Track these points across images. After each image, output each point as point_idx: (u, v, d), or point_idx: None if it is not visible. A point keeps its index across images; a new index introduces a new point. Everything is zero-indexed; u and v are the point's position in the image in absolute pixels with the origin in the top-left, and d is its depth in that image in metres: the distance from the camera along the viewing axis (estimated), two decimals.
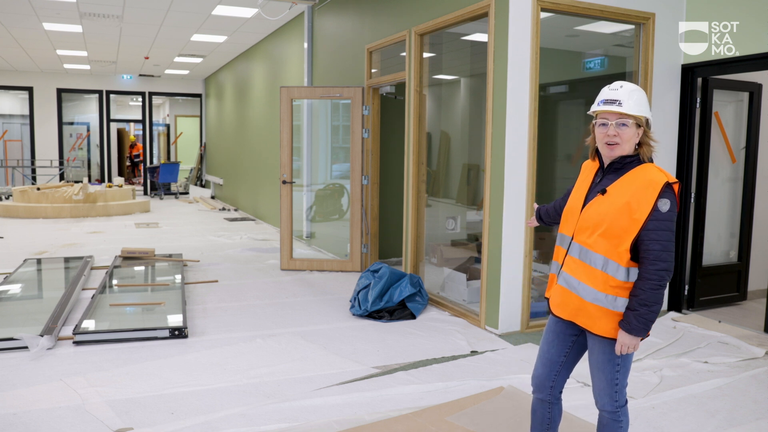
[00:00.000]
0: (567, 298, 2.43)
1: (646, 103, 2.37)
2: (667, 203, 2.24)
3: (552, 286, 2.57)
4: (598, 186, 2.41)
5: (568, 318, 2.44)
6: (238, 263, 7.70)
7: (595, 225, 2.34)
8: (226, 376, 4.01)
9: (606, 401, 2.45)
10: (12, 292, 6.15)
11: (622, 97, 2.33)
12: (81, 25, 10.04)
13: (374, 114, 7.13)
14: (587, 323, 2.38)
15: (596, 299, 2.34)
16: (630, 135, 2.34)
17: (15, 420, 3.36)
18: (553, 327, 2.58)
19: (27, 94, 16.47)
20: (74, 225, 11.12)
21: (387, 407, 3.55)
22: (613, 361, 2.40)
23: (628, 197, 2.27)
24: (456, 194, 7.70)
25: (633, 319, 2.27)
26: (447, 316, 5.43)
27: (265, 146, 11.17)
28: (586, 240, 2.37)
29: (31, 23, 9.97)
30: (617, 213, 2.28)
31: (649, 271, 2.24)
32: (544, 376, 2.59)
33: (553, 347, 2.56)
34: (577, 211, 2.44)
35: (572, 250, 2.43)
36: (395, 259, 7.37)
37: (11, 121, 17.93)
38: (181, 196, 16.88)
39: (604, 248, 2.31)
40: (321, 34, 8.54)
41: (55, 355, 4.35)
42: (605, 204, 2.33)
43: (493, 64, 4.91)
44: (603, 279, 2.32)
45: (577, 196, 2.49)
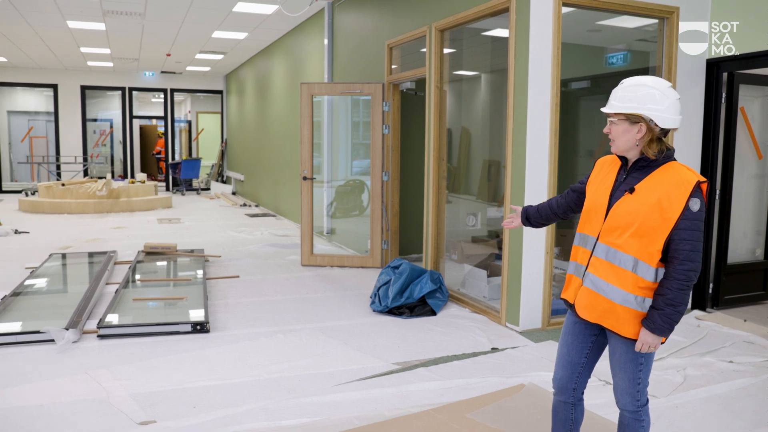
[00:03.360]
0: (594, 300, 2.38)
1: (643, 99, 2.26)
2: (697, 203, 2.20)
3: (569, 287, 2.52)
4: (624, 185, 2.35)
5: (596, 321, 2.39)
6: (259, 259, 7.75)
7: (626, 225, 2.28)
8: (248, 371, 4.04)
9: (628, 401, 2.42)
10: (38, 286, 6.24)
11: (612, 96, 2.33)
12: (104, 22, 10.14)
13: (394, 110, 7.12)
14: (615, 326, 2.34)
15: (626, 301, 2.30)
16: (619, 131, 2.30)
17: (42, 412, 3.42)
18: (571, 328, 2.54)
19: (52, 91, 16.70)
20: (98, 220, 11.26)
21: (407, 403, 3.56)
22: (636, 361, 2.37)
23: (659, 195, 2.22)
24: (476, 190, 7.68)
25: (658, 318, 2.25)
26: (467, 313, 5.42)
27: (286, 142, 11.22)
28: (615, 241, 2.31)
29: (55, 21, 10.10)
30: (648, 212, 2.23)
31: (678, 270, 2.22)
32: (566, 378, 2.56)
33: (574, 349, 2.53)
34: (602, 211, 2.38)
35: (598, 251, 2.37)
36: (415, 255, 7.37)
37: (36, 118, 18.18)
38: (202, 192, 17.02)
39: (634, 249, 2.27)
40: (341, 30, 8.55)
41: (80, 349, 4.41)
42: (635, 203, 2.27)
43: (514, 60, 4.88)
44: (633, 280, 2.28)
45: (600, 195, 2.42)
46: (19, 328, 4.79)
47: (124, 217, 11.86)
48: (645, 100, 2.27)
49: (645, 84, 2.30)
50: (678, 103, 2.31)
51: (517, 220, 2.85)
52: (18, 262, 7.32)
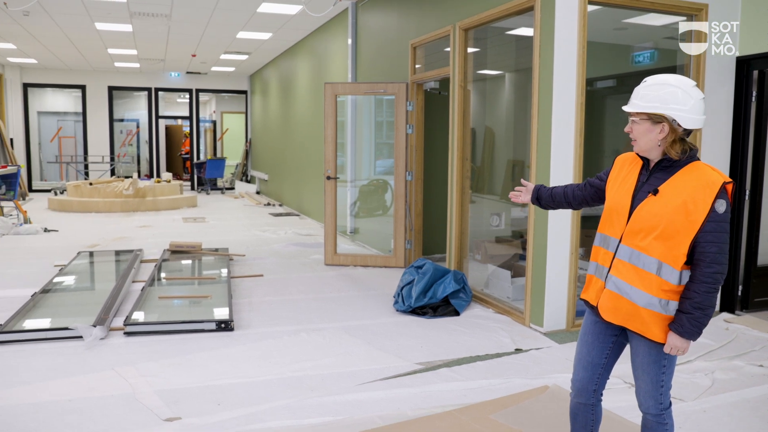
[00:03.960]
0: (618, 303, 2.34)
1: (668, 99, 2.22)
2: (723, 204, 2.17)
3: (590, 287, 2.49)
4: (647, 185, 2.31)
5: (620, 323, 2.36)
6: (283, 258, 7.79)
7: (651, 227, 2.24)
8: (271, 369, 4.06)
9: (651, 404, 2.39)
10: (66, 284, 6.35)
11: (634, 94, 2.30)
12: (131, 24, 10.28)
13: (418, 110, 7.11)
14: (641, 328, 2.31)
15: (650, 304, 2.27)
16: (641, 131, 2.28)
17: (70, 407, 3.47)
18: (591, 328, 2.51)
19: (80, 92, 16.97)
20: (124, 219, 11.41)
21: (430, 403, 3.55)
22: (659, 363, 2.35)
23: (684, 197, 2.19)
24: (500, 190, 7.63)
25: (686, 322, 2.22)
26: (491, 314, 5.40)
27: (310, 142, 11.26)
28: (639, 243, 2.27)
29: (84, 23, 10.26)
30: (673, 213, 2.20)
31: (705, 273, 2.19)
32: (587, 379, 2.53)
33: (594, 349, 2.50)
34: (625, 212, 2.34)
35: (621, 253, 2.33)
36: (439, 255, 7.35)
37: (65, 119, 18.49)
38: (227, 192, 17.16)
39: (659, 252, 2.23)
40: (365, 30, 8.56)
41: (107, 345, 4.48)
42: (659, 205, 2.24)
43: (538, 59, 4.84)
44: (657, 283, 2.25)
45: (621, 195, 2.38)
46: (49, 325, 4.88)
47: (150, 215, 12.01)
48: (668, 99, 2.23)
49: (668, 83, 2.26)
50: (702, 102, 2.26)
51: (526, 196, 2.81)
52: (47, 260, 7.45)
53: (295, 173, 12.63)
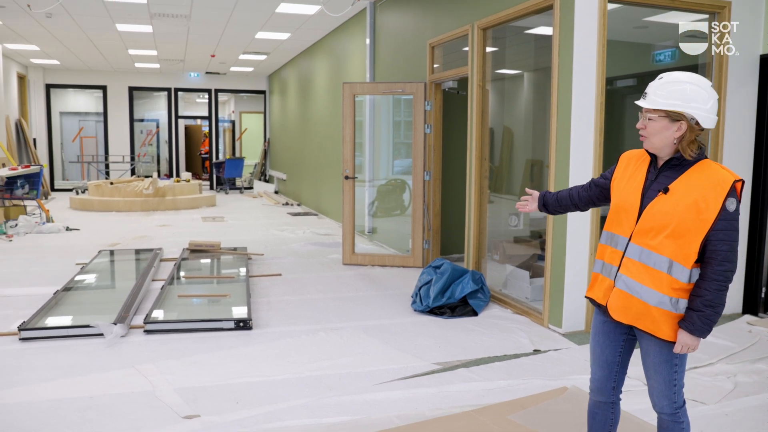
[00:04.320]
0: (628, 302, 2.33)
1: (688, 97, 2.20)
2: (734, 202, 2.17)
3: (596, 286, 2.48)
4: (656, 184, 2.30)
5: (630, 323, 2.35)
6: (301, 257, 7.81)
7: (662, 226, 2.23)
8: (289, 368, 4.08)
9: (665, 403, 2.38)
10: (87, 282, 6.42)
11: (650, 90, 2.26)
12: (151, 25, 10.37)
13: (436, 109, 7.10)
14: (651, 327, 2.30)
15: (661, 303, 2.26)
16: (656, 129, 2.24)
17: (91, 403, 3.51)
18: (601, 328, 2.50)
19: (101, 92, 17.16)
20: (144, 218, 11.52)
21: (448, 404, 3.54)
22: (671, 362, 2.33)
23: (696, 196, 2.18)
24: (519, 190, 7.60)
25: (698, 320, 2.21)
26: (509, 314, 5.37)
27: (328, 142, 11.29)
28: (650, 242, 2.26)
29: (105, 25, 10.37)
30: (684, 212, 2.19)
31: (716, 271, 2.19)
32: (605, 378, 2.52)
33: (607, 348, 2.49)
34: (634, 211, 2.32)
35: (631, 252, 2.32)
36: (457, 255, 7.33)
37: (87, 119, 18.71)
38: (245, 191, 17.25)
39: (670, 250, 2.22)
40: (383, 30, 8.56)
41: (127, 343, 4.52)
42: (669, 203, 2.22)
43: (558, 58, 4.81)
44: (668, 282, 2.24)
45: (630, 193, 2.36)
46: (70, 322, 4.94)
47: (169, 215, 12.11)
48: (690, 97, 2.21)
49: (689, 81, 2.23)
50: (717, 103, 2.27)
51: (533, 204, 2.78)
52: (69, 258, 7.55)
53: (314, 173, 12.67)
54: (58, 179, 17.35)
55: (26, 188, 10.26)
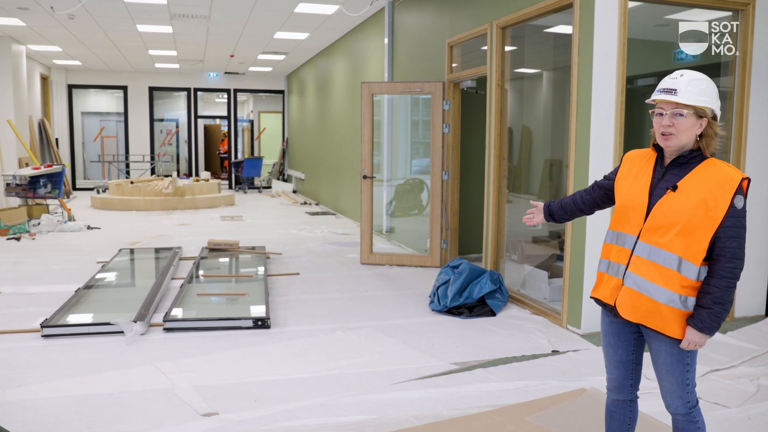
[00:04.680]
0: (637, 301, 2.32)
1: (712, 94, 2.25)
2: (741, 200, 2.19)
3: (602, 286, 2.47)
4: (663, 182, 2.30)
5: (639, 321, 2.34)
6: (319, 257, 7.83)
7: (671, 224, 2.23)
8: (307, 367, 4.09)
9: (679, 404, 2.36)
10: (108, 280, 6.49)
11: (679, 86, 2.24)
12: (171, 26, 10.46)
13: (455, 109, 7.08)
14: (660, 326, 2.29)
15: (671, 301, 2.26)
16: (687, 126, 2.24)
17: (111, 400, 3.55)
18: (610, 329, 2.50)
19: (122, 92, 17.34)
20: (164, 217, 11.62)
21: (465, 404, 3.53)
22: (683, 361, 2.32)
23: (704, 194, 2.19)
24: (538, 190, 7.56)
25: (706, 317, 2.21)
26: (527, 314, 5.34)
27: (346, 141, 11.31)
28: (659, 240, 2.26)
29: (126, 25, 10.48)
30: (693, 210, 2.20)
31: (725, 268, 2.20)
32: (622, 376, 2.52)
33: (620, 348, 2.49)
34: (642, 209, 2.32)
35: (639, 250, 2.32)
36: (475, 255, 7.31)
37: (108, 119, 18.91)
38: (264, 191, 17.34)
39: (679, 248, 2.23)
40: (401, 30, 8.55)
41: (146, 341, 4.57)
42: (678, 201, 2.23)
43: (577, 57, 4.77)
44: (678, 279, 2.24)
45: (637, 192, 2.36)
46: (91, 320, 4.99)
47: (188, 214, 12.20)
48: (713, 94, 2.26)
49: (706, 78, 2.27)
50: None
51: (539, 216, 2.78)
52: (90, 256, 7.63)
53: (332, 172, 12.70)
54: (79, 178, 17.56)
55: (49, 187, 10.39)
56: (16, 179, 10.26)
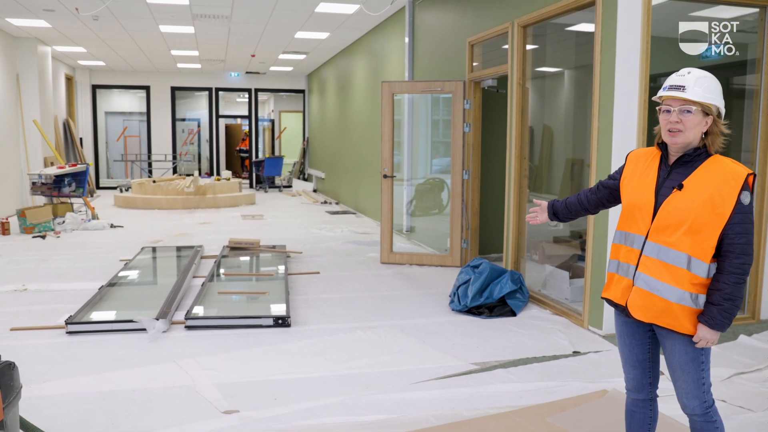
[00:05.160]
0: (649, 300, 2.32)
1: (717, 92, 2.27)
2: (748, 196, 2.20)
3: (612, 286, 2.48)
4: (669, 181, 2.31)
5: (651, 321, 2.34)
6: (339, 256, 7.85)
7: (678, 223, 2.24)
8: (327, 366, 4.10)
9: (695, 404, 2.34)
10: (131, 278, 6.56)
11: (687, 83, 2.26)
12: (193, 26, 10.54)
13: (475, 108, 7.05)
14: (673, 324, 2.29)
15: (682, 299, 2.26)
16: (694, 123, 2.25)
17: (134, 396, 3.59)
18: (624, 329, 2.50)
19: (144, 92, 17.52)
20: (186, 216, 11.72)
21: (485, 404, 3.52)
22: (697, 360, 2.31)
23: (711, 191, 2.20)
24: (559, 190, 7.50)
25: (717, 313, 2.22)
26: (548, 315, 5.31)
27: (366, 141, 11.32)
28: (667, 239, 2.27)
29: (148, 26, 10.58)
30: (700, 208, 2.21)
31: (734, 264, 2.21)
32: (640, 375, 2.51)
33: (635, 347, 2.49)
34: (649, 209, 2.33)
35: (648, 249, 2.32)
36: (495, 254, 7.27)
37: (131, 118, 19.12)
38: (284, 190, 17.41)
39: (688, 246, 2.23)
40: (422, 29, 8.54)
41: (168, 338, 4.61)
42: (685, 200, 2.24)
43: (600, 55, 4.73)
44: (688, 278, 2.25)
45: (643, 192, 2.36)
46: (114, 317, 5.05)
47: (209, 213, 12.30)
48: (719, 93, 2.28)
49: (711, 76, 2.29)
50: None
51: (543, 215, 2.79)
52: (113, 254, 7.72)
53: (352, 171, 12.72)
54: (103, 177, 17.77)
55: (73, 186, 10.53)
56: (42, 178, 10.42)
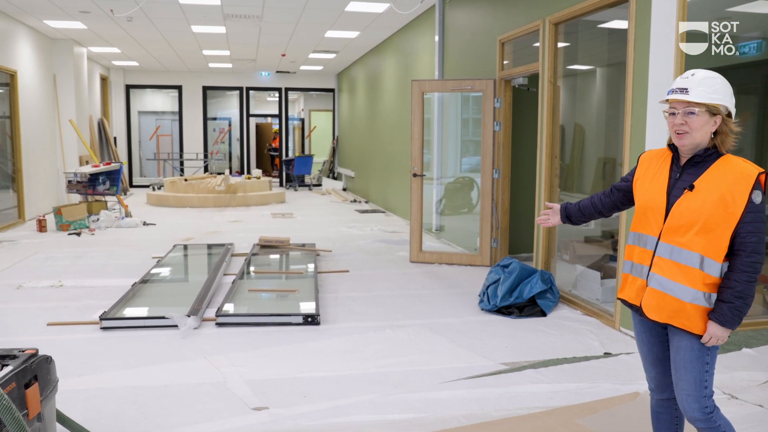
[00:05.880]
0: (662, 301, 2.33)
1: (725, 91, 2.28)
2: (759, 194, 2.21)
3: (627, 287, 2.49)
4: (680, 182, 2.32)
5: (665, 321, 2.34)
6: (369, 254, 7.86)
7: (690, 223, 2.25)
8: (356, 364, 4.11)
9: (695, 407, 2.31)
10: (163, 275, 6.66)
11: (690, 85, 2.27)
12: (224, 26, 10.65)
13: (506, 106, 7.00)
14: (686, 324, 2.29)
15: (695, 299, 2.27)
16: (700, 123, 2.26)
17: (166, 391, 3.64)
18: (642, 328, 2.52)
19: (177, 92, 17.76)
20: (217, 214, 11.85)
21: (515, 405, 3.49)
22: (702, 360, 2.30)
23: (722, 191, 2.21)
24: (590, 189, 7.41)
25: (728, 311, 2.23)
26: (579, 315, 5.25)
27: (396, 139, 11.31)
28: (680, 239, 2.28)
29: (181, 26, 10.72)
30: (712, 208, 2.21)
31: (746, 263, 2.22)
32: (661, 373, 2.51)
33: (654, 345, 2.50)
34: (661, 210, 2.34)
35: (661, 250, 2.33)
36: (525, 254, 7.22)
37: (163, 118, 19.39)
38: (314, 188, 17.50)
39: (701, 246, 2.24)
40: (452, 27, 8.50)
41: (199, 335, 4.67)
42: (696, 200, 2.25)
43: (633, 52, 4.66)
44: (701, 277, 2.26)
45: (655, 193, 2.37)
46: (147, 313, 5.14)
47: (240, 211, 12.41)
48: (727, 92, 2.28)
49: (719, 77, 2.30)
50: None
51: (555, 218, 2.81)
52: (146, 252, 7.85)
53: (381, 170, 12.73)
54: (136, 176, 18.06)
55: (107, 184, 10.73)
56: (77, 176, 10.64)
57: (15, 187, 10.30)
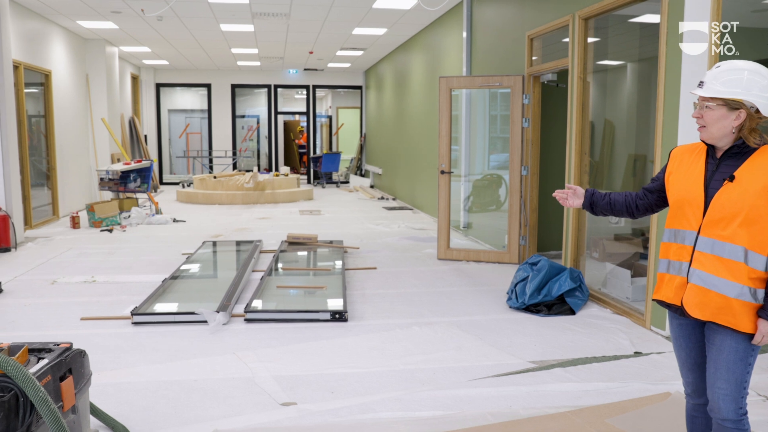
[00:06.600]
0: (705, 297, 2.23)
1: (749, 85, 2.15)
2: None
3: (664, 286, 2.38)
4: (718, 174, 2.24)
5: (709, 318, 2.24)
6: (396, 251, 7.86)
7: (732, 215, 2.17)
8: (383, 361, 4.11)
9: (731, 408, 2.24)
10: (192, 271, 6.74)
11: (707, 79, 2.21)
12: (253, 24, 10.73)
13: (534, 103, 6.94)
14: (732, 321, 2.20)
15: (741, 294, 2.18)
16: (715, 118, 2.20)
17: (196, 386, 3.69)
18: (680, 332, 2.43)
19: (206, 90, 17.95)
20: (245, 211, 11.96)
21: (543, 403, 3.47)
22: (746, 360, 2.23)
23: (765, 181, 2.13)
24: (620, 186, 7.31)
25: None
26: (608, 314, 5.19)
27: (423, 136, 11.29)
28: (721, 233, 2.19)
29: (210, 25, 10.83)
30: (755, 198, 2.13)
31: None
32: (699, 379, 2.43)
33: (693, 350, 2.41)
34: (699, 204, 2.25)
35: (702, 245, 2.24)
36: (554, 252, 7.15)
37: (192, 116, 19.62)
38: (341, 185, 17.55)
39: (744, 239, 2.16)
40: (480, 23, 8.45)
41: (228, 330, 4.71)
42: (738, 191, 2.16)
43: (665, 47, 4.58)
44: (746, 272, 2.17)
45: (691, 186, 2.29)
46: (177, 309, 5.20)
47: (268, 208, 12.51)
48: (751, 86, 2.17)
49: (748, 69, 2.19)
50: None
51: (576, 200, 2.61)
52: (176, 248, 7.95)
53: (409, 167, 12.72)
54: (166, 173, 18.32)
55: (138, 182, 10.89)
56: (109, 174, 10.81)
57: (49, 185, 10.51)
